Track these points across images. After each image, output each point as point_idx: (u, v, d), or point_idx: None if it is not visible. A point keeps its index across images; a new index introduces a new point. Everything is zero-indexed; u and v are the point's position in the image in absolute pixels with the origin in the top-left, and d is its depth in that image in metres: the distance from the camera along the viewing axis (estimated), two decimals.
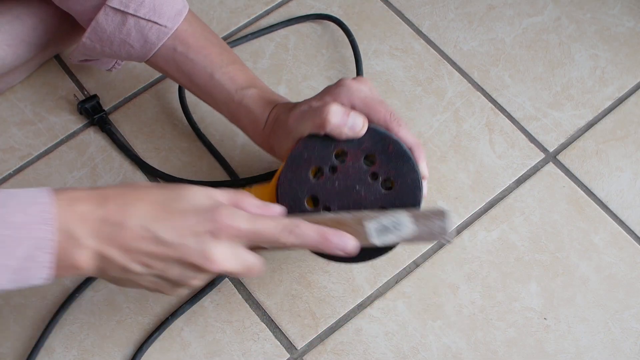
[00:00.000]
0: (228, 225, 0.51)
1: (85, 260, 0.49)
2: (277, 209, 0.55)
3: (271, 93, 0.64)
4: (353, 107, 0.57)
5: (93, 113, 0.76)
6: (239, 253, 0.52)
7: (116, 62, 0.75)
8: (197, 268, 0.51)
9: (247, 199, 0.54)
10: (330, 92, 0.59)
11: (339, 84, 0.59)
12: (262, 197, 0.58)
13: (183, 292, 0.55)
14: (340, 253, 0.54)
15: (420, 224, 0.55)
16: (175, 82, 0.68)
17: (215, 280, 0.68)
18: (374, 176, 0.58)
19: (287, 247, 0.54)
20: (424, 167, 0.59)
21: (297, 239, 0.53)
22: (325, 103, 0.56)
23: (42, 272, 0.48)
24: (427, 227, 0.55)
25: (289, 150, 0.59)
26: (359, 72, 0.79)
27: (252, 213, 0.53)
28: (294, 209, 0.58)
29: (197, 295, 0.68)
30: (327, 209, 0.58)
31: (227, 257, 0.51)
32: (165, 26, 0.63)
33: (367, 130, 0.57)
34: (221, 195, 0.53)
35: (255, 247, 0.54)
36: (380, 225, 0.55)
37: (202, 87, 0.65)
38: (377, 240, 0.55)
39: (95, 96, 0.76)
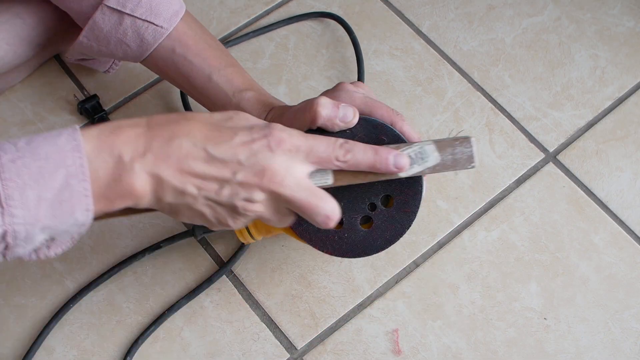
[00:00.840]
0: (282, 137, 0.49)
1: (141, 184, 0.47)
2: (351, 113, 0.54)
3: (268, 96, 0.64)
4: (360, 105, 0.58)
5: (93, 113, 0.76)
6: (298, 174, 0.50)
7: (113, 63, 0.75)
8: (254, 186, 0.49)
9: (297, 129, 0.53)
10: (328, 94, 0.59)
11: (337, 87, 0.60)
12: None
13: (241, 224, 0.52)
14: (393, 169, 0.52)
15: (444, 153, 0.54)
16: (172, 84, 0.68)
17: (212, 277, 0.68)
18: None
19: (343, 165, 0.52)
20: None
21: (353, 157, 0.51)
22: (315, 98, 0.56)
23: (82, 202, 0.45)
24: (451, 155, 0.54)
25: None
26: (360, 69, 0.79)
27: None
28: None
29: (195, 290, 0.68)
30: None
31: (286, 174, 0.49)
32: (162, 27, 0.63)
33: (360, 121, 0.57)
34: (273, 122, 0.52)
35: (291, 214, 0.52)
36: (413, 154, 0.54)
37: (199, 89, 0.65)
38: (402, 173, 0.54)
39: (95, 96, 0.76)
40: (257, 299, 0.68)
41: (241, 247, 0.70)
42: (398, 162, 0.53)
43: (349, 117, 0.56)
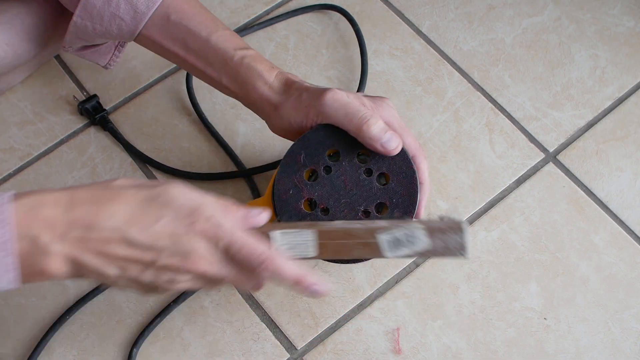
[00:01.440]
0: (206, 229, 0.49)
1: (56, 267, 0.47)
2: (263, 215, 0.53)
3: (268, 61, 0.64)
4: (389, 125, 0.58)
5: (94, 113, 0.76)
6: (223, 256, 0.50)
7: (113, 56, 0.73)
8: (177, 269, 0.49)
9: (235, 208, 0.52)
10: (373, 101, 0.60)
11: (384, 100, 0.60)
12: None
13: (172, 293, 0.53)
14: (313, 297, 0.53)
15: (435, 238, 0.52)
16: (166, 57, 0.67)
17: None
18: (369, 172, 0.58)
19: (262, 276, 0.52)
20: (421, 209, 0.60)
21: (269, 274, 0.51)
22: (372, 114, 0.57)
23: (7, 275, 0.46)
24: (442, 242, 0.52)
25: (301, 119, 0.59)
26: (363, 62, 0.79)
27: (238, 219, 0.51)
28: (291, 213, 0.58)
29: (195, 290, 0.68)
30: (325, 210, 0.58)
31: (211, 256, 0.49)
32: None
33: None
34: (205, 196, 0.51)
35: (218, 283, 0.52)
36: (393, 238, 0.53)
37: (198, 52, 0.64)
38: (390, 254, 0.53)
39: (95, 96, 0.76)
40: (257, 299, 0.68)
41: None
42: (316, 291, 0.52)
43: (392, 146, 0.57)
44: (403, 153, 0.58)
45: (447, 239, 0.52)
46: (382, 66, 0.80)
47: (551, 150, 0.76)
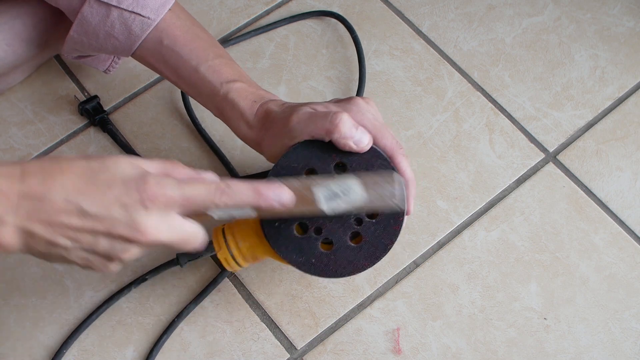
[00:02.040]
0: (156, 194, 0.49)
1: (8, 237, 0.47)
2: (209, 174, 0.53)
3: (258, 88, 0.63)
4: (362, 127, 0.57)
5: (94, 114, 0.76)
6: (173, 222, 0.50)
7: (112, 62, 0.74)
8: (127, 240, 0.49)
9: (178, 167, 0.53)
10: (341, 105, 0.59)
11: (351, 101, 0.59)
12: (247, 228, 0.59)
13: (115, 269, 0.53)
14: (276, 205, 0.52)
15: (370, 190, 0.53)
16: (162, 76, 0.67)
17: (217, 279, 0.68)
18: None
19: (222, 207, 0.51)
20: (410, 205, 0.59)
21: (230, 199, 0.51)
22: (337, 111, 0.56)
23: None
24: (377, 193, 0.53)
25: (280, 148, 0.58)
26: (361, 68, 0.79)
27: (182, 179, 0.51)
28: (286, 241, 0.58)
29: (201, 294, 0.68)
30: (319, 229, 0.57)
31: (159, 226, 0.50)
32: (149, 17, 0.63)
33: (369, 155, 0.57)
34: (149, 164, 0.51)
35: (196, 215, 0.52)
36: (329, 191, 0.52)
37: (187, 81, 0.64)
38: (326, 207, 0.53)
39: (95, 97, 0.76)
40: (257, 299, 0.68)
41: None
42: (282, 199, 0.52)
43: (364, 142, 0.56)
44: (376, 153, 0.57)
45: (381, 189, 0.53)
46: (382, 66, 0.80)
47: (551, 150, 0.76)
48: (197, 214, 0.52)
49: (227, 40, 0.81)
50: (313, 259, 0.58)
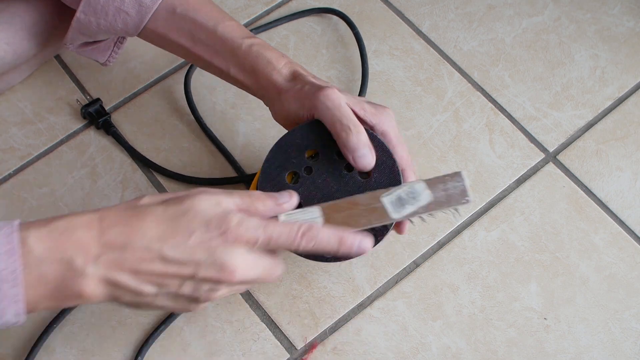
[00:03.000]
0: (239, 235, 0.49)
1: (92, 289, 0.47)
2: (285, 197, 0.54)
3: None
4: (384, 135, 0.58)
5: (97, 117, 0.75)
6: (254, 260, 0.51)
7: (112, 52, 0.73)
8: (215, 281, 0.50)
9: (258, 201, 0.52)
10: (377, 109, 0.59)
11: (385, 110, 0.60)
12: None
13: (205, 307, 0.53)
14: (358, 254, 0.53)
15: (436, 189, 0.53)
16: (170, 50, 0.66)
17: None
18: (349, 168, 0.58)
19: (302, 251, 0.53)
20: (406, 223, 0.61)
21: (313, 243, 0.52)
22: (357, 124, 0.57)
23: (12, 308, 0.45)
24: (443, 191, 0.54)
25: (297, 111, 0.59)
26: (364, 64, 0.79)
27: (264, 214, 0.52)
28: (276, 166, 0.58)
29: None
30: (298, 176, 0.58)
31: (245, 263, 0.50)
32: None
33: (381, 151, 0.58)
34: (230, 200, 0.51)
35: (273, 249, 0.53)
36: (396, 198, 0.53)
37: (205, 43, 0.63)
38: (396, 214, 0.53)
39: (98, 100, 0.76)
40: (257, 299, 0.68)
41: None
42: (362, 247, 0.53)
43: (364, 163, 0.57)
44: (380, 144, 0.57)
45: (448, 187, 0.54)
46: (382, 66, 0.80)
47: (551, 150, 0.76)
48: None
49: None
50: None
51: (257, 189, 0.59)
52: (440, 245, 0.71)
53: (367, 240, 0.53)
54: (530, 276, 0.70)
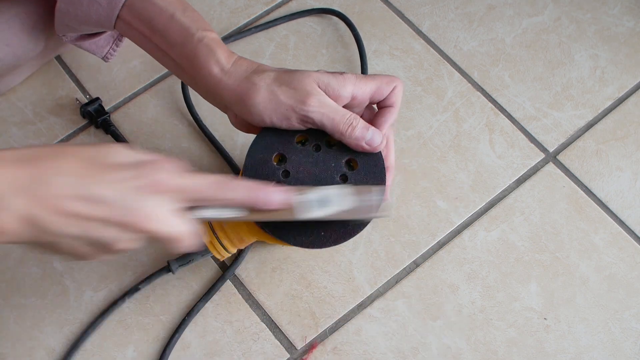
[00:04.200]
0: (157, 180, 0.48)
1: (11, 223, 0.45)
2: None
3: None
4: (354, 99, 0.58)
5: (97, 116, 0.75)
6: (175, 216, 0.49)
7: (110, 49, 0.73)
8: (136, 228, 0.48)
9: (171, 162, 0.51)
10: (343, 80, 0.58)
11: (345, 74, 0.59)
12: None
13: (109, 258, 0.51)
14: (267, 206, 0.52)
15: (356, 198, 0.54)
16: (138, 39, 0.64)
17: (216, 284, 0.68)
18: (348, 166, 0.58)
19: (219, 203, 0.51)
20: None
21: (230, 192, 0.50)
22: (352, 115, 0.57)
23: None
24: (362, 202, 0.54)
25: (276, 111, 0.58)
26: (363, 65, 0.79)
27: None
28: (259, 159, 0.58)
29: (205, 296, 0.68)
30: (287, 172, 0.58)
31: (156, 216, 0.48)
32: None
33: None
34: (145, 154, 0.50)
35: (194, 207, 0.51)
36: (308, 199, 0.53)
37: (160, 31, 0.62)
38: (303, 215, 0.53)
39: (97, 99, 0.76)
40: (257, 299, 0.68)
41: (241, 251, 0.70)
42: (271, 198, 0.52)
43: (377, 142, 0.57)
44: (380, 160, 0.58)
45: (365, 197, 0.54)
46: (382, 66, 0.80)
47: (551, 150, 0.76)
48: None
49: (226, 38, 0.81)
50: (298, 232, 0.57)
51: (244, 166, 0.58)
52: (440, 245, 0.71)
53: (277, 195, 0.52)
54: (530, 276, 0.70)
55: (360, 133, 0.57)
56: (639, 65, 0.81)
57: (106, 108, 0.77)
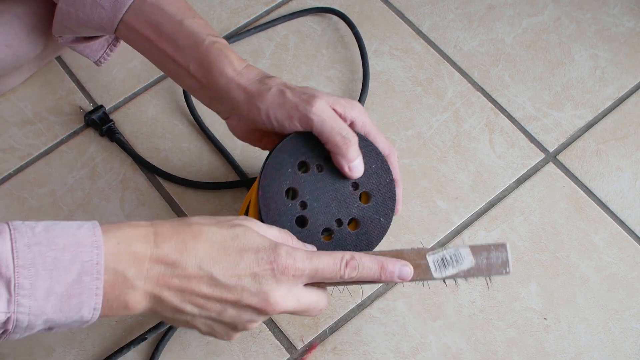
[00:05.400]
0: (288, 265, 0.50)
1: (137, 301, 0.47)
2: (313, 247, 0.55)
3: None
4: (364, 127, 0.60)
5: (101, 124, 0.75)
6: (299, 293, 0.51)
7: (104, 53, 0.73)
8: (256, 311, 0.50)
9: (291, 236, 0.54)
10: (351, 106, 0.59)
11: (353, 104, 0.60)
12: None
13: (237, 337, 0.54)
14: (397, 280, 0.54)
15: (479, 257, 0.55)
16: (141, 44, 0.65)
17: None
18: (355, 186, 0.59)
19: (347, 282, 0.53)
20: (400, 204, 0.62)
21: (356, 272, 0.52)
22: (352, 133, 0.58)
23: (91, 300, 0.45)
24: (486, 259, 0.55)
25: (280, 119, 0.58)
26: (365, 65, 0.79)
27: (309, 250, 0.53)
28: (273, 193, 0.58)
29: None
30: (303, 204, 0.58)
31: (287, 298, 0.50)
32: None
33: (368, 149, 0.59)
34: (270, 232, 0.52)
35: (318, 283, 0.53)
36: (441, 258, 0.55)
37: (169, 36, 0.62)
38: (437, 274, 0.55)
39: (101, 107, 0.76)
40: None
41: None
42: (402, 274, 0.54)
43: (356, 173, 0.59)
44: (391, 182, 0.60)
45: (491, 256, 0.55)
46: (382, 66, 0.80)
47: (551, 150, 0.76)
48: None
49: (227, 38, 0.81)
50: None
51: (267, 158, 0.58)
52: (440, 245, 0.71)
53: (407, 269, 0.54)
54: (530, 276, 0.70)
55: (352, 154, 0.58)
56: (639, 65, 0.81)
57: (106, 108, 0.77)
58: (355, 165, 0.58)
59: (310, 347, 0.66)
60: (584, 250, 0.71)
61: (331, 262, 0.51)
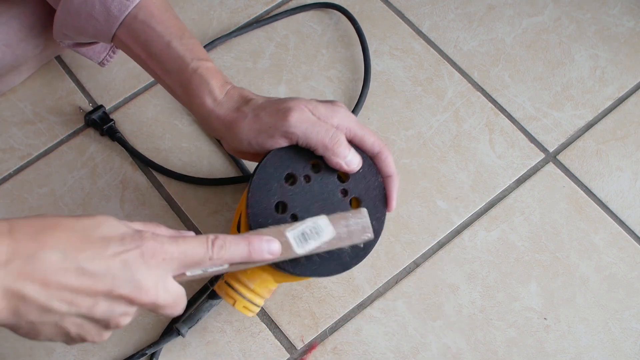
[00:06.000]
0: (155, 248, 0.47)
1: None
2: (190, 233, 0.52)
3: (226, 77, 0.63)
4: (349, 130, 0.59)
5: (102, 124, 0.75)
6: (168, 284, 0.49)
7: (107, 55, 0.73)
8: (128, 300, 0.46)
9: (160, 227, 0.51)
10: (328, 107, 0.59)
11: (336, 104, 0.60)
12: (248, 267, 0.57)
13: (107, 337, 0.50)
14: (268, 257, 0.52)
15: (339, 226, 0.54)
16: (137, 60, 0.65)
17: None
18: (344, 192, 0.59)
19: (220, 269, 0.51)
20: (393, 200, 0.61)
21: (224, 250, 0.50)
22: (336, 129, 0.58)
23: None
24: (346, 228, 0.55)
25: (260, 138, 0.58)
26: (366, 60, 0.79)
27: (172, 236, 0.50)
28: (262, 209, 0.57)
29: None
30: (294, 217, 0.57)
31: (158, 286, 0.47)
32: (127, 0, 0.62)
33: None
34: (136, 224, 0.49)
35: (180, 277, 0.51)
36: (300, 233, 0.53)
37: (156, 56, 0.62)
38: (300, 249, 0.53)
39: (101, 107, 0.76)
40: None
41: None
42: (271, 249, 0.52)
43: (355, 164, 0.58)
44: (380, 185, 0.60)
45: (350, 223, 0.55)
46: (382, 66, 0.80)
47: (551, 150, 0.76)
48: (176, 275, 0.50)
49: (227, 38, 0.81)
50: (316, 264, 0.57)
51: (254, 174, 0.58)
52: (440, 245, 0.71)
53: (275, 244, 0.52)
54: (530, 276, 0.70)
55: (343, 151, 0.58)
56: (639, 65, 0.81)
57: (106, 108, 0.77)
58: (350, 160, 0.58)
59: (310, 347, 0.66)
60: (584, 250, 0.71)
61: (197, 243, 0.49)
